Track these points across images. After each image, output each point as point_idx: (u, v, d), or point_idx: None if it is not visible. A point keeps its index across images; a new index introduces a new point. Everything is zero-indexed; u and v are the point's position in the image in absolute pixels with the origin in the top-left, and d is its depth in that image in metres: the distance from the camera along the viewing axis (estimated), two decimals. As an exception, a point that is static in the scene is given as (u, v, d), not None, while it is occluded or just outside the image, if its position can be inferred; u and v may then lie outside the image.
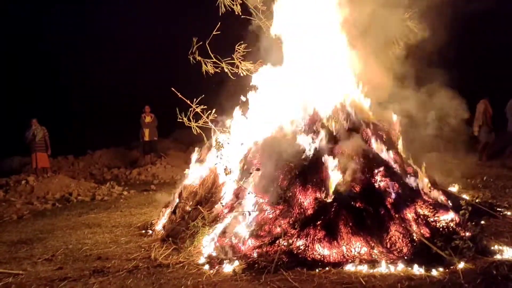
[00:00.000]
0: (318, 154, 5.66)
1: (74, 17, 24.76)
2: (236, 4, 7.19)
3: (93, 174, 14.72)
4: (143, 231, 6.93)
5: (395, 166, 5.82)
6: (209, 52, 7.29)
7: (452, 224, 5.38)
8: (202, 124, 7.38)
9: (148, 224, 7.17)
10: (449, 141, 9.28)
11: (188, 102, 7.37)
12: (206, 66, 6.99)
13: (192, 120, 7.32)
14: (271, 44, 6.95)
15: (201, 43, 7.04)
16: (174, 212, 6.58)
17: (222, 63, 7.06)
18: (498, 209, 6.61)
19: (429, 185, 5.99)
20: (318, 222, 5.12)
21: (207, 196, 6.25)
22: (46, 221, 8.26)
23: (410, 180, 5.77)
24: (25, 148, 13.66)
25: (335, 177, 5.41)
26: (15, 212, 9.12)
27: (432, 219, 5.42)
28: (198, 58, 6.97)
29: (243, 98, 6.96)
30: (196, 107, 7.25)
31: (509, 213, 6.44)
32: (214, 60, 7.04)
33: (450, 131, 8.77)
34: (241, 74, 7.42)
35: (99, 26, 23.20)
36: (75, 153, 16.81)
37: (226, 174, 6.04)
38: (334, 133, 5.87)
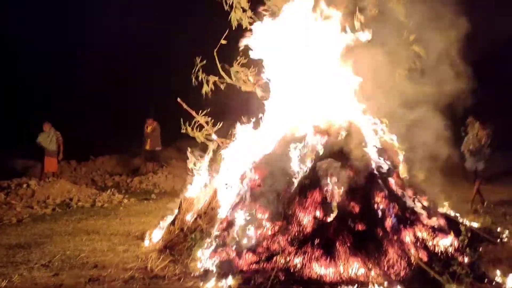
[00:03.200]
0: (318, 172, 5.66)
1: (78, 23, 24.97)
2: (246, 17, 7.26)
3: (94, 180, 14.73)
4: (141, 241, 6.92)
5: (396, 188, 5.82)
6: (217, 63, 7.37)
7: (450, 249, 5.37)
8: (205, 136, 7.45)
9: (146, 233, 7.16)
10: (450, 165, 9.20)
11: (193, 113, 7.44)
12: (208, 86, 7.06)
13: (196, 130, 7.39)
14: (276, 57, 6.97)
15: (204, 61, 7.13)
16: (173, 223, 6.59)
17: (229, 78, 7.12)
18: (497, 235, 6.58)
19: (429, 208, 5.98)
20: (316, 241, 5.12)
21: (206, 209, 6.26)
22: (45, 226, 8.27)
23: (410, 203, 5.77)
24: (29, 150, 13.68)
25: (335, 197, 5.42)
26: (14, 215, 9.14)
27: (430, 243, 5.41)
28: (202, 76, 7.05)
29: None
30: (202, 117, 7.33)
31: (508, 240, 6.41)
32: (219, 75, 7.11)
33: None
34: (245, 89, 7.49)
35: (100, 31, 23.43)
36: (77, 158, 16.84)
37: (226, 189, 6.06)
38: (336, 152, 5.87)
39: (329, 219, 5.31)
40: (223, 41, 7.16)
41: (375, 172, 5.80)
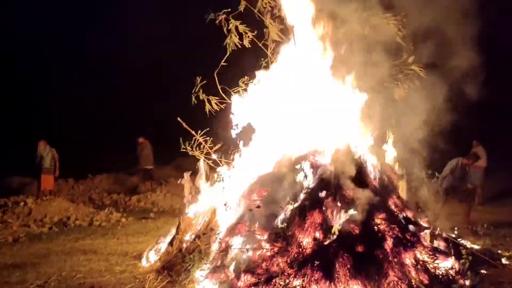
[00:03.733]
0: (318, 194, 5.64)
1: (78, 40, 25.14)
2: (246, 37, 7.35)
3: (92, 199, 14.65)
4: (139, 261, 6.85)
5: (396, 210, 5.80)
6: (217, 84, 7.43)
7: (451, 272, 5.33)
8: (205, 155, 7.45)
9: (144, 253, 7.09)
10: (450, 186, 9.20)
11: (193, 132, 7.45)
12: (211, 105, 7.10)
13: (195, 149, 7.39)
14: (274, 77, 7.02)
15: (205, 81, 7.19)
16: (171, 243, 6.53)
17: (229, 100, 7.16)
18: (498, 258, 6.53)
19: (429, 230, 5.94)
20: (316, 263, 5.07)
21: (205, 229, 6.21)
22: (41, 245, 8.19)
23: (410, 225, 5.73)
24: (26, 168, 13.64)
25: (335, 218, 5.39)
26: (11, 234, 9.06)
27: (431, 266, 5.36)
28: (202, 96, 7.09)
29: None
30: (201, 137, 7.34)
31: (509, 262, 6.36)
32: (219, 96, 7.16)
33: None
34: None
35: (99, 49, 23.63)
36: (75, 176, 16.78)
37: (225, 209, 6.03)
38: (336, 173, 5.86)
39: (329, 241, 5.26)
40: (223, 63, 7.23)
41: (375, 193, 5.77)
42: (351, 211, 5.34)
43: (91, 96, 23.49)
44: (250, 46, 7.27)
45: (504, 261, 6.42)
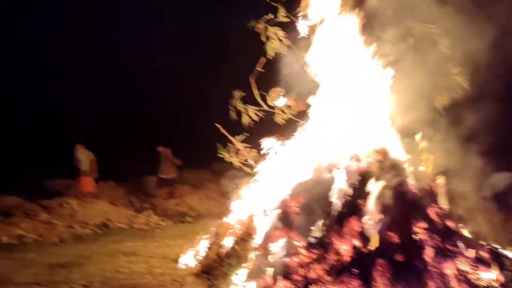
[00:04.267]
0: (358, 200, 5.62)
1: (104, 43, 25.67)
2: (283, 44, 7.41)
3: (131, 202, 15.03)
4: (178, 264, 7.00)
5: (436, 219, 5.69)
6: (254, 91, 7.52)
7: (495, 284, 5.18)
8: (243, 161, 7.55)
9: (182, 256, 7.24)
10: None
11: (232, 138, 7.58)
12: (249, 116, 7.19)
13: (233, 155, 7.50)
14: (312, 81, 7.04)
15: (245, 94, 7.29)
16: (209, 247, 6.65)
17: (267, 107, 7.23)
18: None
19: (471, 240, 5.80)
20: (354, 271, 5.05)
21: (243, 234, 6.29)
22: (85, 246, 8.50)
23: (451, 234, 5.61)
24: (69, 171, 14.18)
25: (374, 226, 5.35)
26: (56, 235, 9.44)
27: (473, 277, 5.22)
28: (240, 107, 7.19)
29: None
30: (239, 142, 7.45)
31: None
32: (256, 104, 7.25)
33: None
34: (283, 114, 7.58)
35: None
36: (115, 179, 17.25)
37: (263, 215, 6.09)
38: (377, 181, 5.81)
39: (367, 249, 5.23)
40: (259, 69, 7.31)
41: (415, 201, 5.69)
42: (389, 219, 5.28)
43: (127, 99, 24.07)
44: (287, 52, 7.31)
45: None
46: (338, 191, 5.88)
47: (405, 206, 5.59)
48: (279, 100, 7.46)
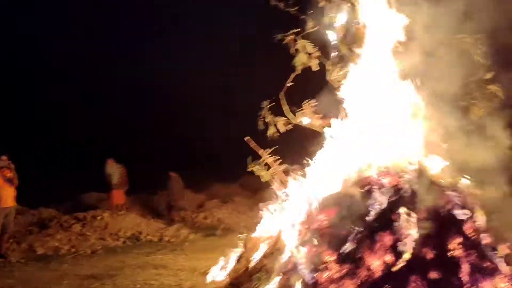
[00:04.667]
0: (390, 214, 5.50)
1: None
2: (312, 59, 7.41)
3: (161, 215, 15.19)
4: (207, 277, 7.00)
5: (472, 234, 5.50)
6: (283, 105, 7.53)
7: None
8: (271, 174, 7.52)
9: (212, 270, 7.24)
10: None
11: (261, 152, 7.57)
12: (277, 128, 7.18)
13: (263, 168, 7.48)
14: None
15: (273, 103, 7.31)
16: (238, 261, 6.63)
17: (294, 120, 7.21)
18: None
19: (510, 257, 5.57)
20: (386, 287, 4.92)
21: (272, 248, 6.24)
22: (116, 258, 8.62)
23: (488, 251, 5.40)
24: (102, 184, 14.47)
25: (408, 241, 5.21)
26: (89, 247, 9.63)
27: (513, 295, 5.01)
28: (269, 119, 7.20)
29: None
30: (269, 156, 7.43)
31: None
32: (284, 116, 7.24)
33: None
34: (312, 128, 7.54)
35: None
36: (145, 192, 17.50)
37: (292, 228, 6.03)
38: (409, 193, 5.68)
39: (400, 265, 5.09)
40: (289, 83, 7.33)
41: (450, 216, 5.53)
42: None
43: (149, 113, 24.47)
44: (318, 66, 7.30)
45: None
46: (370, 205, 5.78)
47: (440, 221, 5.44)
48: (306, 118, 7.41)
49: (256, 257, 6.39)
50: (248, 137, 7.55)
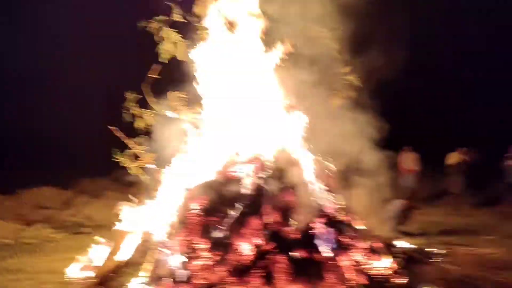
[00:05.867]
0: (257, 200, 5.61)
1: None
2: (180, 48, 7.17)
3: (21, 215, 13.74)
4: (71, 278, 6.46)
5: (334, 214, 5.89)
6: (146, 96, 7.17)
7: (389, 272, 5.46)
8: (141, 166, 7.17)
9: (76, 269, 6.70)
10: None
11: (127, 142, 7.17)
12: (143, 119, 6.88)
13: (131, 160, 7.09)
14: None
15: (141, 96, 6.94)
16: (105, 257, 6.23)
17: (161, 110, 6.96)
18: (431, 256, 6.79)
19: (366, 232, 6.08)
20: (256, 270, 5.03)
21: (141, 242, 5.98)
22: (-37, 266, 7.52)
23: (348, 228, 5.84)
24: None
25: (275, 223, 5.37)
26: None
27: (368, 266, 5.47)
28: (134, 111, 6.85)
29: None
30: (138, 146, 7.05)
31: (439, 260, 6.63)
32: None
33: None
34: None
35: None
36: (2, 192, 15.72)
37: (162, 219, 5.84)
38: (275, 179, 5.86)
39: (268, 247, 5.23)
40: (152, 75, 7.01)
41: (313, 197, 5.84)
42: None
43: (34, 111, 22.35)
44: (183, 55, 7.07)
45: (435, 259, 6.69)
46: (239, 191, 5.84)
47: (308, 202, 5.71)
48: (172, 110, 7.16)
49: (124, 251, 6.07)
50: (112, 127, 7.07)
